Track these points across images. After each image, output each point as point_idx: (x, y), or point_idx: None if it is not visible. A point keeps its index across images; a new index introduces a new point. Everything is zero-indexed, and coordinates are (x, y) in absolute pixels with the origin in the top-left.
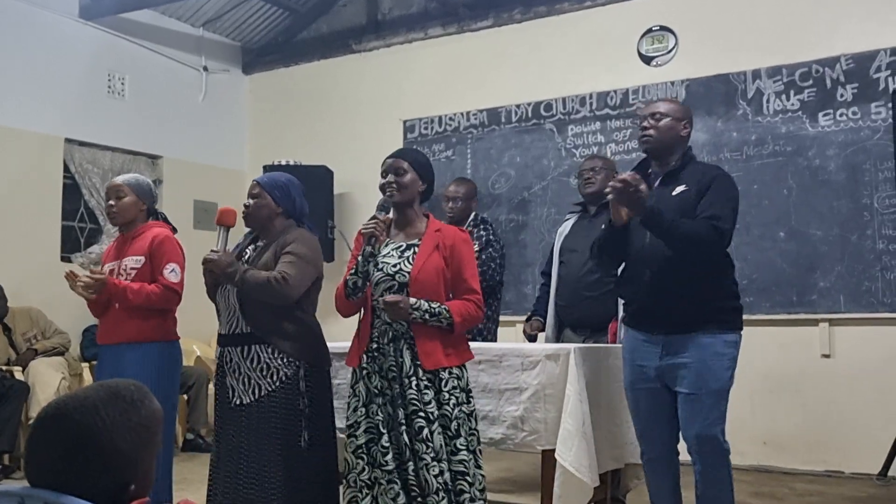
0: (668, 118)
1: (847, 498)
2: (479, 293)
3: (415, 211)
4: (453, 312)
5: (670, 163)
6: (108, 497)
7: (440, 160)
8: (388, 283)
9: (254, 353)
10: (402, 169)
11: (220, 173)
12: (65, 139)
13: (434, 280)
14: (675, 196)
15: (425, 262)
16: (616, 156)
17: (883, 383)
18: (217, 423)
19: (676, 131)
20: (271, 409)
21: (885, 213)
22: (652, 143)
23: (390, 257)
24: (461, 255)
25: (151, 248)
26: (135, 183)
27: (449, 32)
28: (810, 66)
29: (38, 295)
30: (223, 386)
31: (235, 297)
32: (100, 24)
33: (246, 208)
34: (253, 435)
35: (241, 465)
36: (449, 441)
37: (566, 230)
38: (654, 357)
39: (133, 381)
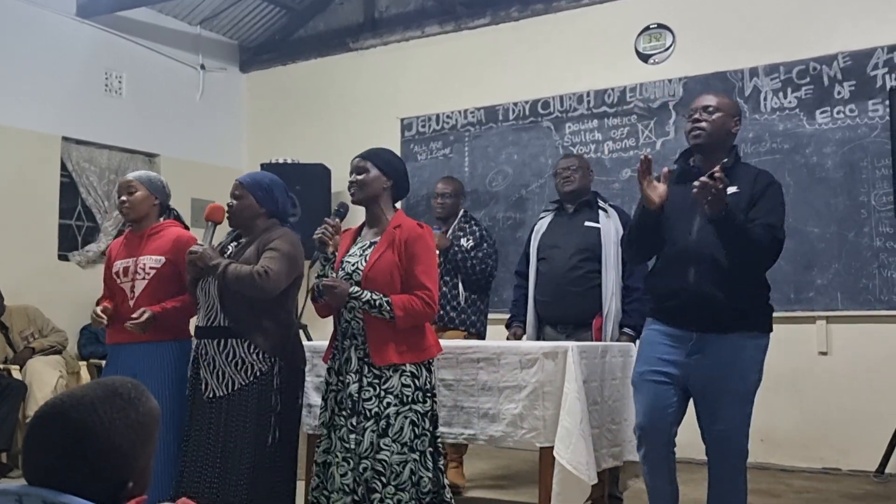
0: (720, 112)
1: (844, 495)
2: (431, 289)
3: (381, 208)
4: (395, 306)
5: (718, 159)
6: (105, 495)
7: (437, 158)
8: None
9: (230, 347)
10: (364, 168)
11: (218, 171)
12: (62, 137)
13: (386, 277)
14: (728, 196)
15: (378, 259)
16: (613, 154)
17: (880, 381)
18: (190, 415)
19: (728, 127)
20: (242, 404)
21: (882, 210)
22: (703, 138)
23: (352, 256)
24: (414, 250)
25: (178, 248)
26: (146, 179)
27: (446, 30)
28: (808, 63)
29: (35, 293)
30: (197, 378)
31: (216, 290)
32: (97, 23)
33: (229, 208)
34: (223, 428)
35: (208, 457)
36: (376, 439)
37: (543, 228)
38: (679, 353)
39: (130, 380)
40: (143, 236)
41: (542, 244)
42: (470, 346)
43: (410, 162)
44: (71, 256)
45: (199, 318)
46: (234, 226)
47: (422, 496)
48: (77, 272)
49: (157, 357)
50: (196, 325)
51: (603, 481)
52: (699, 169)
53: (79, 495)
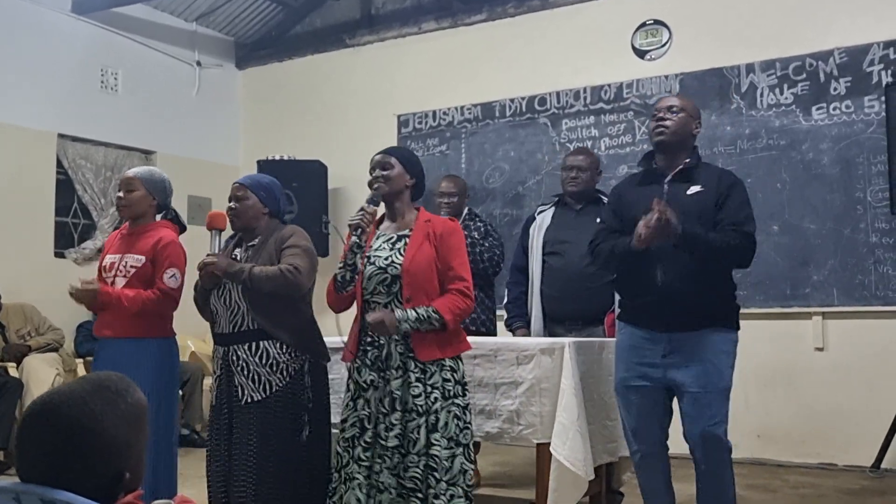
0: (683, 113)
1: (840, 490)
2: (468, 280)
3: (404, 204)
4: (442, 311)
5: (680, 159)
6: (102, 488)
7: (434, 155)
8: (380, 277)
9: (262, 349)
10: (389, 164)
11: (214, 168)
12: (58, 134)
13: (426, 270)
14: (690, 196)
15: (416, 253)
16: (610, 150)
17: (876, 376)
18: (218, 421)
19: (690, 128)
20: (279, 405)
21: (877, 206)
22: (667, 136)
23: (381, 250)
24: (450, 243)
25: (155, 250)
26: (148, 177)
27: (443, 27)
28: (804, 59)
29: (31, 291)
30: (230, 385)
31: (240, 295)
32: (92, 19)
33: (231, 210)
34: (262, 431)
35: (251, 459)
36: (427, 434)
37: (546, 221)
38: (655, 354)
39: (117, 373)
40: (134, 234)
41: (550, 238)
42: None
43: None
44: (67, 254)
45: (220, 326)
46: (237, 228)
47: (468, 488)
48: (74, 270)
49: (140, 353)
50: (217, 333)
51: (600, 477)
52: (663, 171)
53: (76, 490)
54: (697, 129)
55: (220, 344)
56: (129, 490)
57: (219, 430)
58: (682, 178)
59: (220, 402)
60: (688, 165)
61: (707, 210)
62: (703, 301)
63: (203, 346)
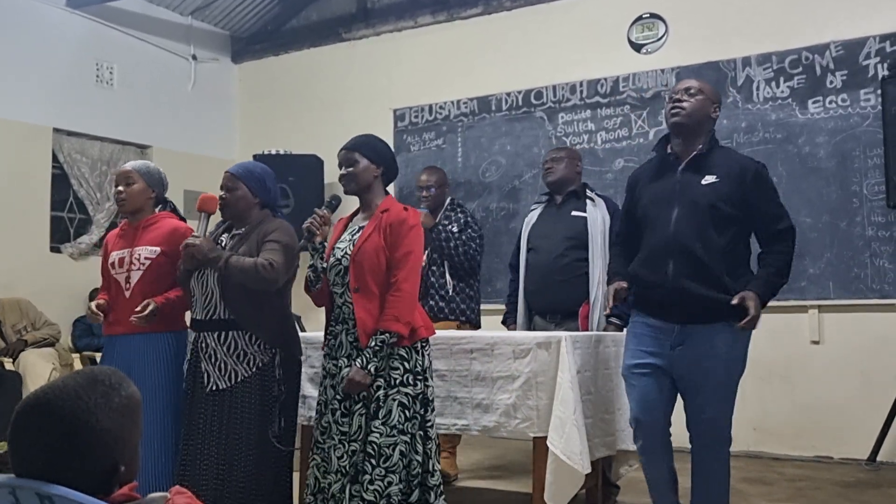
0: (702, 95)
1: (836, 483)
2: (409, 269)
3: (373, 195)
4: (390, 328)
5: (695, 145)
6: (97, 481)
7: (430, 149)
8: (337, 268)
9: (231, 339)
10: (353, 159)
11: (210, 163)
12: (53, 129)
13: (372, 259)
14: (705, 185)
15: (364, 243)
16: (606, 144)
17: (871, 369)
18: (189, 408)
19: (707, 111)
20: (245, 395)
21: (874, 199)
22: (682, 118)
23: (342, 242)
24: (398, 232)
25: (174, 239)
26: (145, 170)
27: (439, 20)
28: (800, 53)
29: (27, 286)
30: (197, 371)
31: (216, 282)
32: (87, 13)
33: (222, 199)
34: (226, 420)
35: (212, 449)
36: (365, 422)
37: (533, 220)
38: (665, 344)
39: (109, 367)
40: (138, 227)
41: (532, 235)
42: (463, 337)
43: (403, 153)
44: (63, 248)
45: (195, 311)
46: (227, 217)
47: (411, 478)
48: (69, 264)
49: (153, 348)
50: (193, 318)
51: (596, 471)
52: (676, 156)
53: (71, 484)
54: (716, 113)
55: (193, 329)
56: (124, 483)
57: (187, 418)
58: (696, 166)
59: (187, 388)
60: (701, 151)
61: (720, 202)
62: (711, 296)
63: None
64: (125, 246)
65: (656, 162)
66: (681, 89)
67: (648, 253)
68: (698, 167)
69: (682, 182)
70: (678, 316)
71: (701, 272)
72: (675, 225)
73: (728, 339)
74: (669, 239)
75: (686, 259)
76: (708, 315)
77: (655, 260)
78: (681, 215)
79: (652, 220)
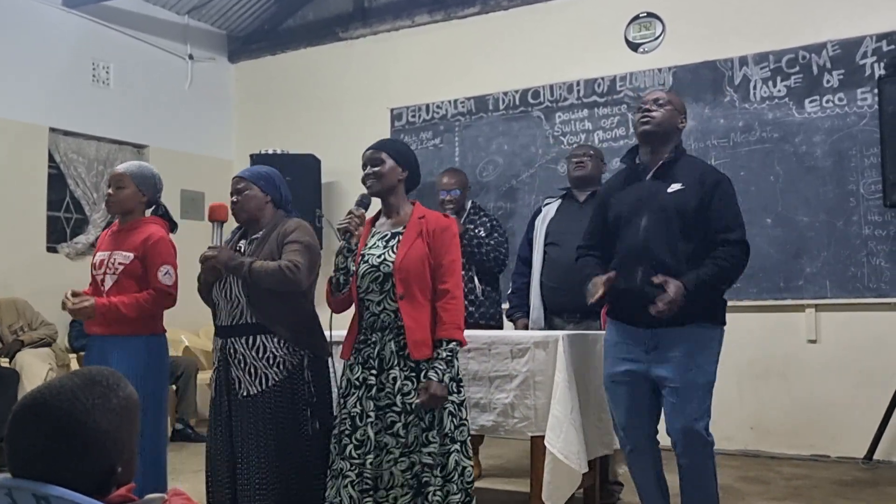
0: (670, 106)
1: (833, 481)
2: (456, 277)
3: (399, 199)
4: (452, 336)
5: (662, 154)
6: (94, 482)
7: (428, 148)
8: (373, 275)
9: (259, 343)
10: (380, 159)
11: (207, 162)
12: (49, 128)
13: (418, 267)
14: (671, 193)
15: (408, 251)
16: (603, 143)
17: (868, 368)
18: (219, 414)
19: (675, 122)
20: (278, 399)
21: (870, 198)
22: (652, 127)
23: (375, 248)
24: (443, 239)
25: (145, 247)
26: (138, 173)
27: (436, 20)
28: (797, 52)
29: (23, 286)
30: (227, 378)
31: (240, 289)
32: (83, 12)
33: (234, 204)
34: (261, 424)
35: (252, 454)
36: (421, 433)
37: (550, 213)
38: (640, 350)
39: (107, 368)
40: (123, 231)
41: (553, 230)
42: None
43: None
44: (60, 248)
45: (220, 319)
46: (241, 221)
47: (467, 485)
48: (66, 264)
49: (130, 350)
50: (218, 326)
51: (594, 470)
52: (645, 166)
53: (68, 484)
54: (683, 123)
55: (220, 336)
56: (122, 484)
57: (218, 423)
58: (663, 175)
59: (220, 394)
60: (668, 160)
61: (687, 209)
62: (687, 297)
63: (196, 341)
64: (109, 248)
65: (625, 172)
66: (650, 100)
67: (619, 260)
68: (665, 175)
69: (650, 190)
70: (650, 320)
71: (670, 276)
72: (644, 232)
73: (700, 340)
74: (639, 246)
75: (655, 266)
76: (679, 317)
77: (626, 267)
78: (649, 223)
79: (622, 228)
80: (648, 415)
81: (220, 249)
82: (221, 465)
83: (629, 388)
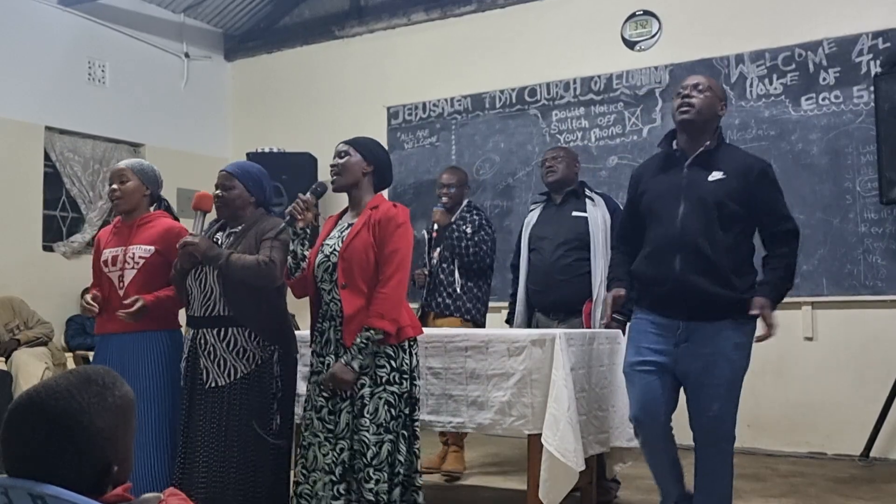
0: (710, 92)
1: (829, 479)
2: (396, 265)
3: (362, 192)
4: (375, 324)
5: (702, 142)
6: (91, 481)
7: (424, 146)
8: (325, 265)
9: (230, 335)
10: (345, 152)
11: (204, 161)
12: (45, 127)
13: (361, 256)
14: (712, 182)
15: (353, 240)
16: (600, 141)
17: (865, 366)
18: (188, 405)
19: (715, 109)
20: (244, 392)
21: (867, 196)
22: (692, 115)
23: (331, 238)
24: (386, 230)
25: (169, 239)
26: (139, 168)
27: (432, 18)
28: (793, 50)
29: (19, 285)
30: (196, 368)
31: (215, 279)
32: (79, 11)
33: (219, 198)
34: (225, 417)
35: (212, 446)
36: (351, 419)
37: (533, 220)
38: (668, 341)
39: (102, 367)
40: (132, 226)
41: (533, 235)
42: (458, 334)
43: (397, 150)
44: (56, 247)
45: (192, 309)
46: (223, 216)
47: (394, 477)
48: (62, 263)
49: (147, 347)
50: (190, 316)
51: (591, 468)
52: (682, 152)
53: (64, 483)
54: (723, 110)
55: (191, 326)
56: (118, 483)
57: (186, 414)
58: (703, 163)
59: (186, 385)
60: (708, 148)
61: (727, 199)
62: (718, 293)
63: None
64: (119, 244)
65: (661, 157)
66: (689, 85)
67: (653, 248)
68: (705, 163)
69: (689, 178)
70: (683, 312)
71: (708, 268)
72: (682, 221)
73: (733, 336)
74: (676, 235)
75: (693, 255)
76: (714, 312)
77: (661, 255)
78: (687, 211)
79: (657, 215)
80: (665, 408)
81: (201, 238)
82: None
83: (650, 378)
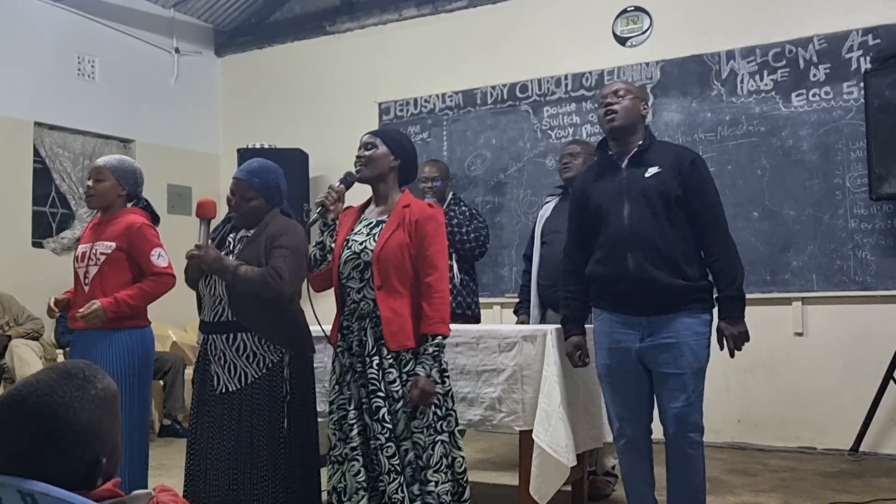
0: (630, 95)
1: (819, 473)
2: (441, 268)
3: (388, 186)
4: (440, 331)
5: (633, 143)
6: (80, 476)
7: (416, 142)
8: (354, 262)
9: (240, 340)
10: (372, 144)
11: (194, 157)
12: (34, 123)
13: (397, 257)
14: (649, 177)
15: (388, 240)
16: (591, 137)
17: (854, 361)
18: (197, 410)
19: (638, 110)
20: (255, 396)
21: (856, 192)
22: (618, 121)
23: (359, 234)
24: (426, 230)
25: (128, 236)
26: (118, 166)
27: (423, 13)
28: (783, 46)
29: (9, 281)
30: (206, 373)
31: (223, 287)
32: (68, 5)
33: (235, 207)
34: (236, 421)
35: (225, 451)
36: (408, 421)
37: (547, 212)
38: (634, 339)
39: (83, 360)
40: (103, 222)
41: (546, 229)
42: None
43: None
44: (45, 243)
45: (203, 314)
46: (240, 225)
47: (457, 476)
48: (52, 259)
49: (115, 344)
50: (201, 321)
51: (582, 463)
52: (618, 156)
53: (53, 479)
54: (646, 110)
55: (202, 331)
56: (108, 475)
57: (195, 419)
58: (639, 161)
59: (196, 390)
60: (642, 147)
61: (667, 190)
62: (676, 284)
63: (184, 336)
64: (90, 240)
65: (599, 165)
66: (610, 93)
67: (606, 250)
68: (641, 161)
69: (628, 177)
70: (644, 307)
71: (660, 260)
72: (629, 218)
73: (693, 324)
74: (625, 232)
75: (645, 250)
76: (673, 304)
77: (613, 255)
78: (632, 208)
79: (604, 217)
80: (646, 404)
81: (207, 249)
82: (200, 461)
83: (629, 377)
